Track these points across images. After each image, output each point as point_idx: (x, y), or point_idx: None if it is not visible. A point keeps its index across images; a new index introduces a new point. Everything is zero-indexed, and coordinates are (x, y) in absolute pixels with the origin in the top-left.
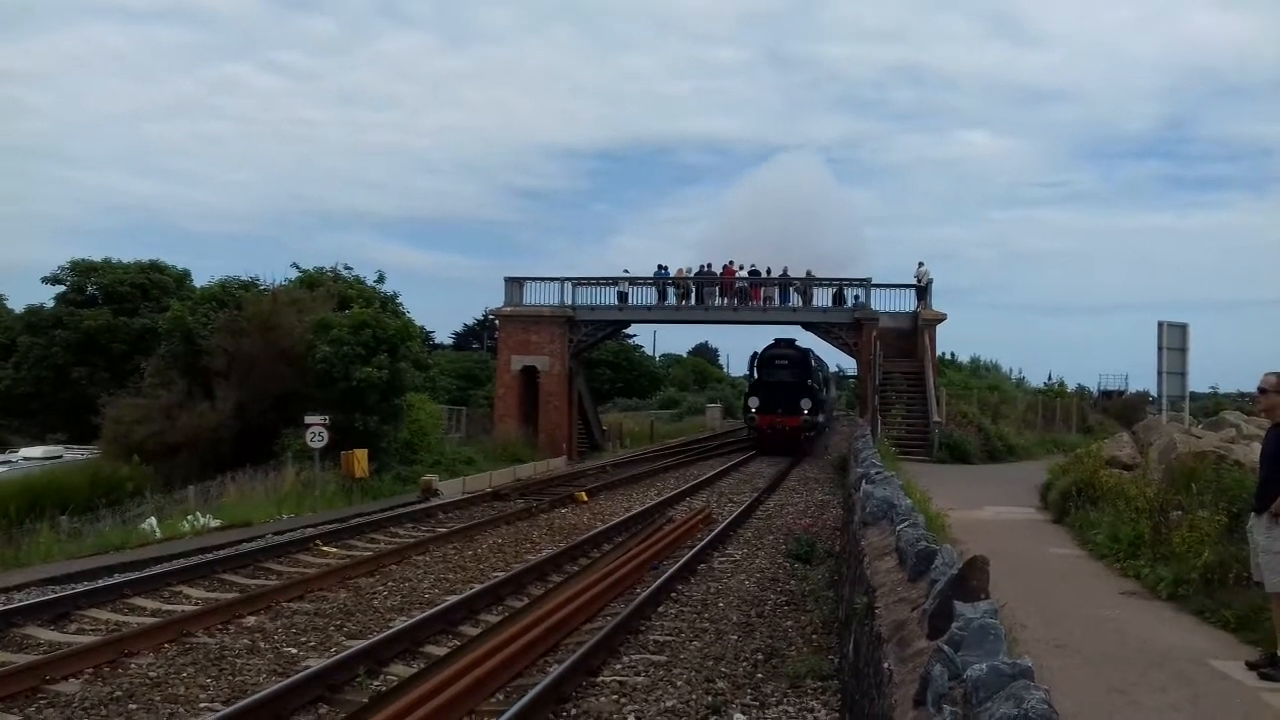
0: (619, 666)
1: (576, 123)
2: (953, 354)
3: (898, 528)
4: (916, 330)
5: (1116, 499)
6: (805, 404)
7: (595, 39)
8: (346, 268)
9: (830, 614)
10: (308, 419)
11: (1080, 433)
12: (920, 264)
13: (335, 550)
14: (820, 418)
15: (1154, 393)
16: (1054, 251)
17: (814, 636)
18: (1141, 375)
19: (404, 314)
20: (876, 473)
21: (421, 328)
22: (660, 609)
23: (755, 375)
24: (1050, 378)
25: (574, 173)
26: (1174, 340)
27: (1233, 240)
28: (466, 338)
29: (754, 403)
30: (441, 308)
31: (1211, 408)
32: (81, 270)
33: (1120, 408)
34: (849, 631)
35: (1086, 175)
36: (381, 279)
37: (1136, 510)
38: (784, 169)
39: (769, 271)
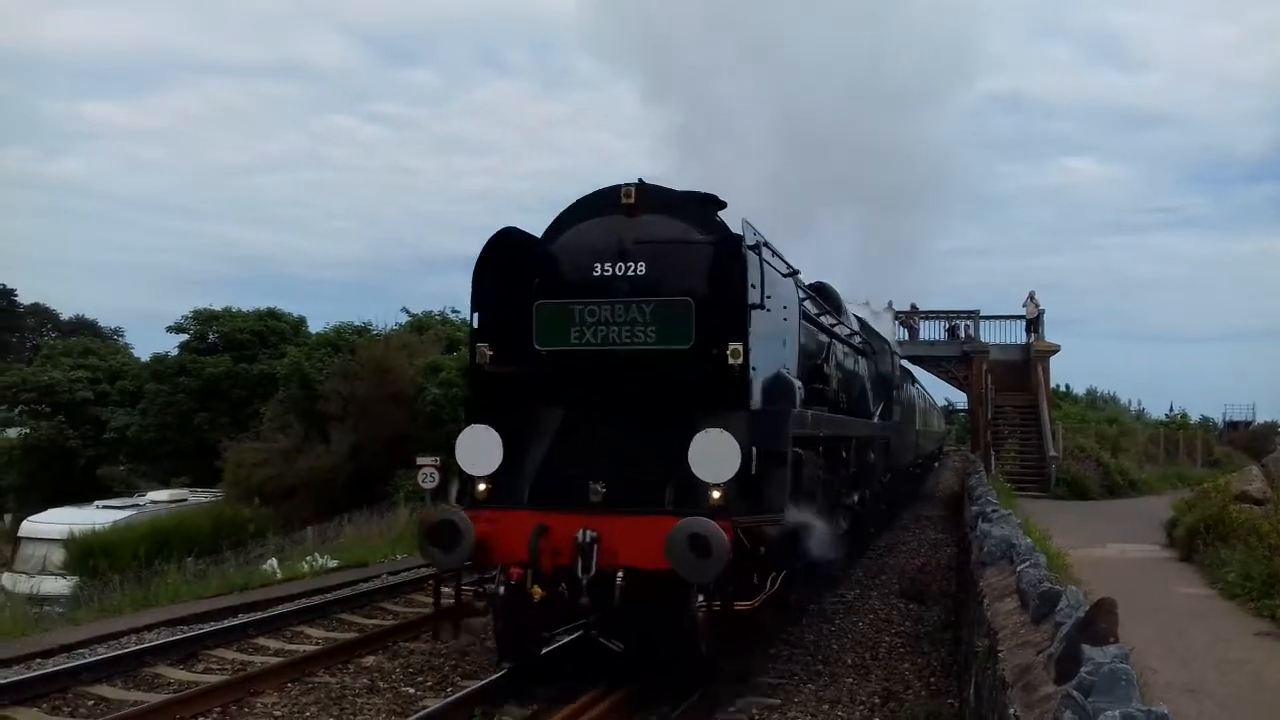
0: (732, 710)
1: (666, 161)
2: (1067, 386)
3: (1018, 568)
4: (1029, 362)
5: (1248, 535)
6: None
7: None
8: (454, 311)
9: (949, 656)
10: (419, 460)
11: (1206, 466)
12: (1031, 294)
13: (449, 590)
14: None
15: None
16: (1170, 278)
17: (932, 680)
18: (1270, 405)
19: None
20: (993, 510)
21: None
22: (771, 651)
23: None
24: (1172, 409)
25: None
26: None
27: None
28: None
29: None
30: None
31: None
32: (203, 319)
33: (1247, 439)
34: (969, 675)
35: (1199, 200)
36: None
37: (1270, 547)
38: None
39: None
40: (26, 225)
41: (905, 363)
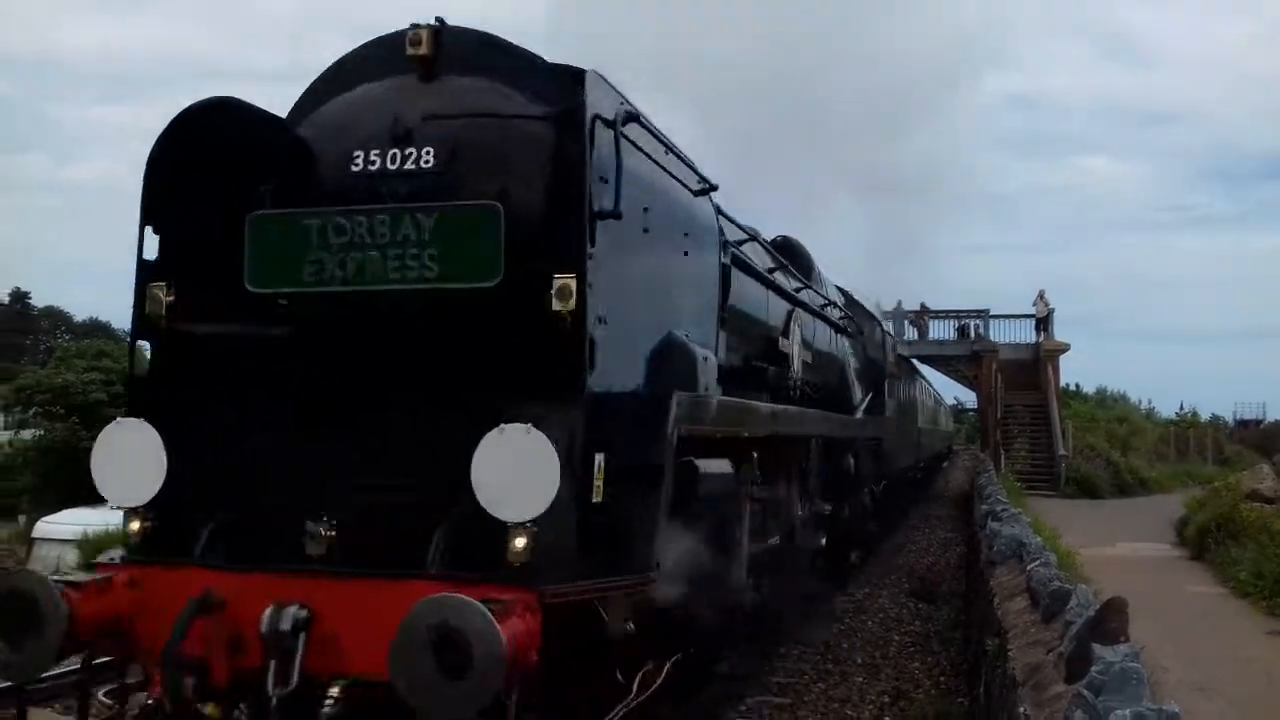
0: (743, 709)
1: None
2: (1077, 385)
3: (1028, 567)
4: (1038, 361)
5: (1259, 534)
6: None
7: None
8: None
9: (959, 655)
10: None
11: (1216, 464)
12: (1041, 293)
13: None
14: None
15: None
16: (1183, 277)
17: (942, 679)
18: None
19: None
20: (1003, 509)
21: None
22: (781, 650)
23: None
24: (1182, 407)
25: None
26: None
27: None
28: None
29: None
30: None
31: None
32: None
33: (1258, 438)
34: (979, 674)
35: (1215, 197)
36: None
37: None
38: None
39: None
40: (41, 229)
41: (916, 362)
